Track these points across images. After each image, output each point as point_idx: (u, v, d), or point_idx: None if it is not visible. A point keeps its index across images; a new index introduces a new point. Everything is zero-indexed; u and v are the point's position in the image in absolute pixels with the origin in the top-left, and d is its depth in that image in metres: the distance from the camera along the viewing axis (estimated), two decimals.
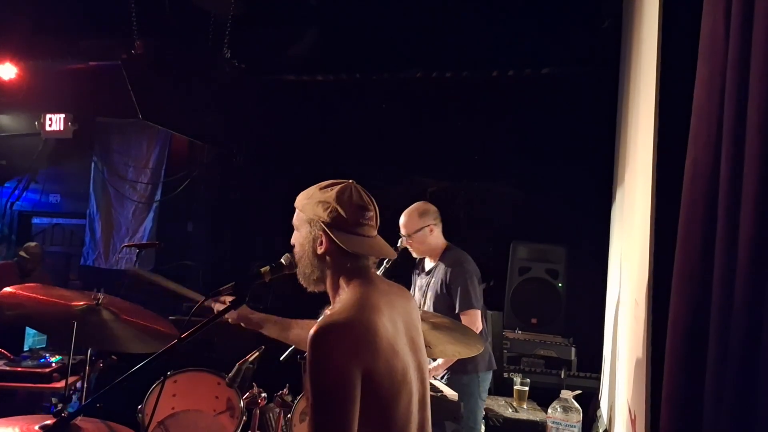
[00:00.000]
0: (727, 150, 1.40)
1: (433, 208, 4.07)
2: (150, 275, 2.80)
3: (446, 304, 3.91)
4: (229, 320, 2.42)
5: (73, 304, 2.72)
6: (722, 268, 1.39)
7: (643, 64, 2.77)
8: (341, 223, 1.88)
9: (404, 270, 4.29)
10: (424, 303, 4.04)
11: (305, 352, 2.68)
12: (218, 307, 2.26)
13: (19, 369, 4.30)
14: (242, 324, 2.45)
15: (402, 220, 3.99)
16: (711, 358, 1.42)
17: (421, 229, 3.97)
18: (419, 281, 4.19)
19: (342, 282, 1.92)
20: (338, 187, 1.93)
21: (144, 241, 7.33)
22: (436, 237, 4.04)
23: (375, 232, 1.98)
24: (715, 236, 1.44)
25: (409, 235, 3.94)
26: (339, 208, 1.88)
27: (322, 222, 1.89)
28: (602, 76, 5.37)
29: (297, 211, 1.99)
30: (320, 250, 1.91)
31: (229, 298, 2.20)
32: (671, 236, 1.77)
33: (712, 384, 1.41)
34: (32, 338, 4.87)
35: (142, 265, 7.17)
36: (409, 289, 4.23)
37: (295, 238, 2.00)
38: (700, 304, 1.50)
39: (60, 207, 8.53)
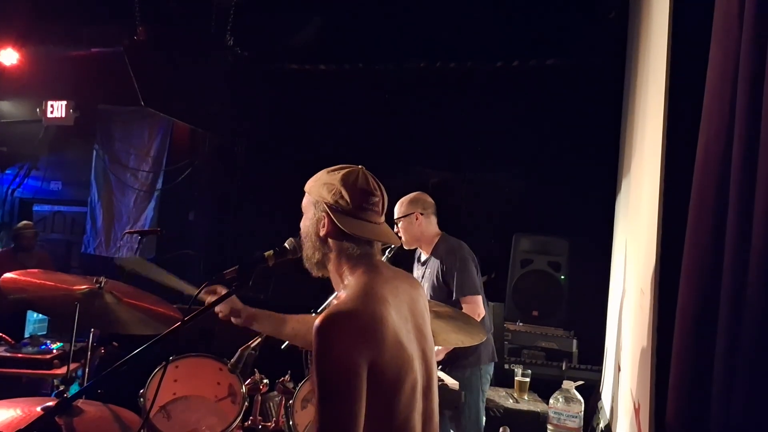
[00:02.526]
0: (740, 133, 1.38)
1: (425, 198, 4.06)
2: (144, 266, 2.73)
3: (443, 295, 3.88)
4: (221, 316, 2.33)
5: (75, 288, 2.71)
6: (733, 254, 1.37)
7: (652, 49, 2.75)
8: (344, 206, 1.87)
9: (406, 261, 4.28)
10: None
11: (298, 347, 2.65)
12: (210, 298, 2.16)
13: (20, 355, 4.28)
14: (233, 319, 2.35)
15: (396, 205, 4.00)
16: (720, 347, 1.40)
17: (407, 215, 3.95)
18: (416, 273, 4.17)
19: (346, 268, 1.90)
20: (345, 170, 1.93)
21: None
22: (422, 227, 4.00)
23: (380, 219, 1.96)
24: (726, 222, 1.42)
25: (395, 221, 3.94)
26: (343, 191, 1.87)
27: (325, 203, 1.88)
28: (607, 67, 5.36)
29: (306, 194, 1.98)
30: (322, 232, 1.90)
31: (223, 290, 2.16)
32: (679, 223, 1.76)
33: (720, 374, 1.39)
34: (33, 325, 4.86)
35: (143, 254, 7.19)
36: None
37: (302, 222, 1.99)
38: (710, 292, 1.48)
39: (61, 194, 8.51)
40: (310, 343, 2.39)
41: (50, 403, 2.21)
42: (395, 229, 3.92)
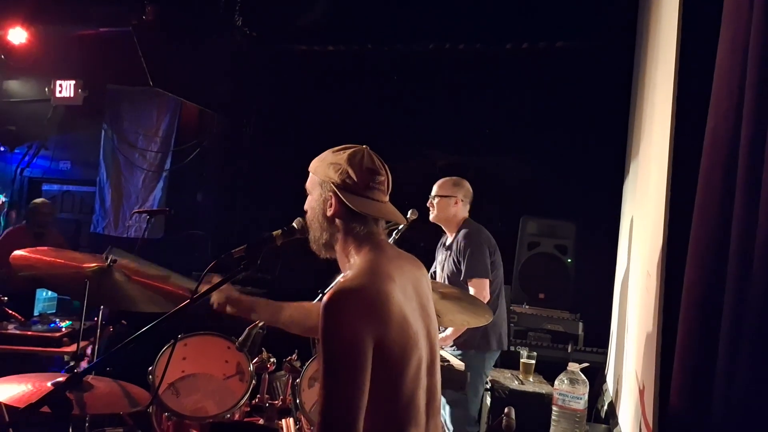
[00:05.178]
0: (748, 116, 1.38)
1: (468, 187, 4.22)
2: (138, 263, 2.72)
3: (460, 276, 3.97)
4: (215, 306, 2.28)
5: (85, 265, 2.74)
6: (739, 237, 1.38)
7: (662, 32, 2.73)
8: (351, 185, 1.87)
9: (410, 245, 4.29)
10: (443, 278, 4.18)
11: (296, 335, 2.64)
12: (205, 287, 2.09)
13: (30, 333, 4.32)
14: (228, 308, 2.30)
15: (438, 182, 4.19)
16: (725, 329, 1.41)
17: (448, 196, 4.12)
18: (440, 256, 4.29)
19: (352, 248, 1.92)
20: (351, 150, 1.93)
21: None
22: (457, 211, 4.16)
23: (386, 198, 1.97)
24: (733, 204, 1.42)
25: (434, 197, 4.13)
26: (350, 170, 1.87)
27: (332, 183, 1.88)
28: (617, 50, 5.32)
29: (311, 174, 1.98)
30: (330, 213, 1.90)
31: (216, 279, 2.13)
32: (687, 206, 1.76)
33: (724, 356, 1.40)
34: (42, 303, 4.89)
35: (151, 234, 7.22)
36: (433, 263, 4.38)
37: (308, 203, 1.99)
38: (716, 274, 1.49)
39: (70, 174, 8.53)
40: (307, 329, 2.41)
41: (60, 379, 2.24)
42: (428, 203, 4.13)
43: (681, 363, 1.66)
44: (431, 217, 4.15)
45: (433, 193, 4.17)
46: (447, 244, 4.25)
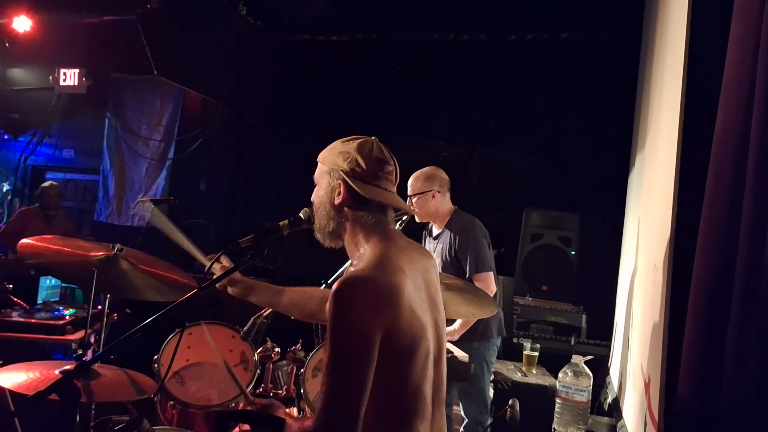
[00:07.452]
0: (758, 110, 1.37)
1: (442, 175, 4.07)
2: (166, 223, 2.73)
3: (454, 271, 3.92)
4: (217, 287, 2.23)
5: (91, 254, 2.74)
6: (749, 229, 1.37)
7: (670, 25, 2.72)
8: (360, 174, 1.87)
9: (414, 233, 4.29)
10: None
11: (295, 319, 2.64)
12: (216, 267, 2.19)
13: (33, 321, 4.34)
14: (229, 290, 2.31)
15: (410, 180, 4.01)
16: (733, 322, 1.41)
17: (424, 192, 3.98)
18: (428, 246, 4.19)
19: (361, 237, 1.91)
20: (360, 140, 1.94)
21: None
22: (438, 204, 4.03)
23: (393, 189, 1.97)
24: (743, 197, 1.42)
25: (410, 196, 3.97)
26: (359, 159, 1.88)
27: (341, 171, 1.88)
28: (624, 41, 5.30)
29: (319, 164, 1.98)
30: (337, 201, 1.90)
31: (226, 259, 2.20)
32: (695, 198, 1.76)
33: (732, 349, 1.40)
34: (46, 291, 4.91)
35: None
36: None
37: (315, 192, 1.99)
38: (725, 267, 1.48)
39: (73, 162, 8.55)
40: (307, 314, 2.42)
41: (68, 367, 2.25)
42: (408, 203, 3.94)
43: (689, 356, 1.66)
44: (417, 218, 3.97)
45: (408, 192, 3.99)
46: (435, 234, 4.17)
